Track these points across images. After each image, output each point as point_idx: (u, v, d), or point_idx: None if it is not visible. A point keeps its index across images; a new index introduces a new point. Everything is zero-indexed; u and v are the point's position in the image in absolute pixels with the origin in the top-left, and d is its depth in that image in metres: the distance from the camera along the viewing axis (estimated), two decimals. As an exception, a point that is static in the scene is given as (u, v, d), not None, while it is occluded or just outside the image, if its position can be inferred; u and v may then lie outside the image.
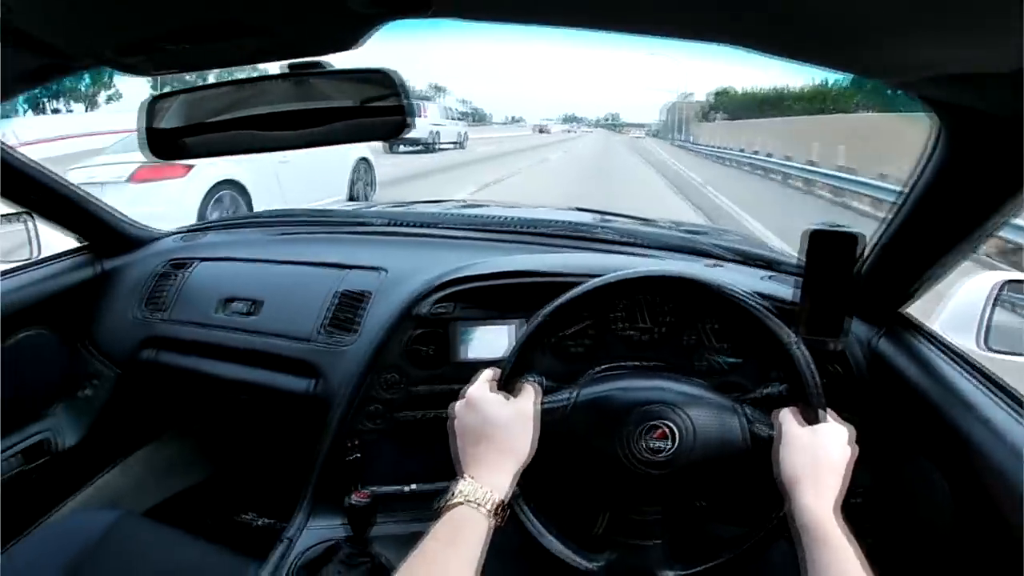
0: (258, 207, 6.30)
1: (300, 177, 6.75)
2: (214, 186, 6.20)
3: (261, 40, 0.84)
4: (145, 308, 1.58)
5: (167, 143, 1.07)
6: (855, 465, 0.91)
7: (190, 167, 5.95)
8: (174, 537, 1.29)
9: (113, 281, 1.66)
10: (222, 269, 1.59)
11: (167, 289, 1.57)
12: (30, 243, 1.58)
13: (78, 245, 1.67)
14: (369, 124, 0.99)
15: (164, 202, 5.57)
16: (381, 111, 0.97)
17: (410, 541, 0.80)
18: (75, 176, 4.44)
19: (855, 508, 1.19)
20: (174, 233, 1.78)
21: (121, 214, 1.69)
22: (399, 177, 12.33)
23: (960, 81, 0.71)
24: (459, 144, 24.64)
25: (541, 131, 64.71)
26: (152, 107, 1.03)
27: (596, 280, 1.00)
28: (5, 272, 1.55)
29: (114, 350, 1.64)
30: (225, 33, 0.80)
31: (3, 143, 1.31)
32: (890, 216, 1.07)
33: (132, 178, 6.08)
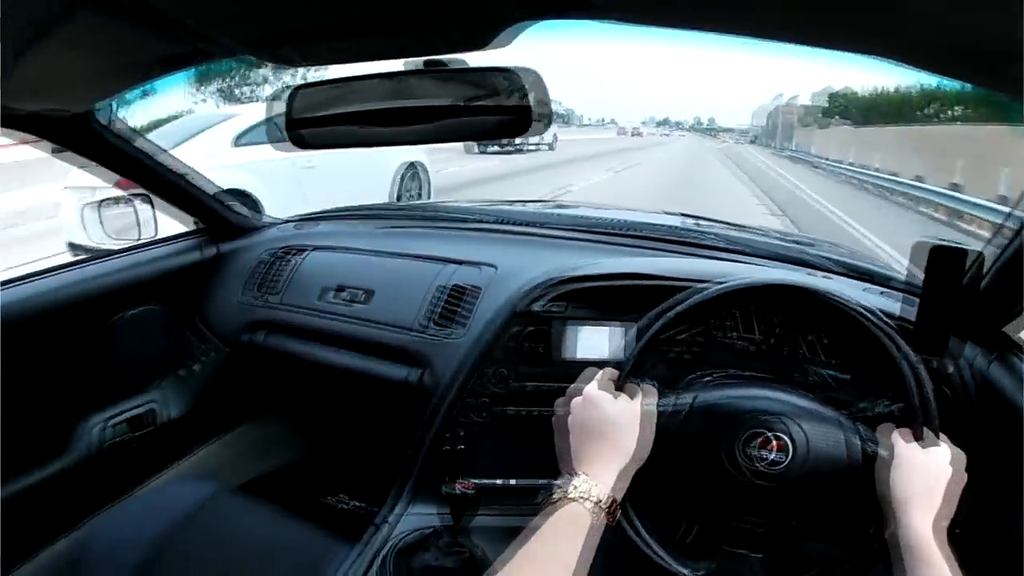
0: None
1: (327, 186, 5.80)
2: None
3: (407, 36, 0.87)
4: (255, 292, 1.66)
5: (304, 133, 1.13)
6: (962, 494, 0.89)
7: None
8: (265, 512, 1.33)
9: (226, 264, 1.75)
10: (335, 258, 1.64)
11: (278, 274, 1.64)
12: (139, 225, 1.67)
13: (194, 228, 1.77)
14: (497, 122, 1.01)
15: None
16: (510, 110, 0.99)
17: (505, 534, 0.81)
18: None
19: (954, 538, 1.16)
20: (287, 221, 1.86)
21: (236, 202, 1.78)
22: (477, 180, 12.53)
23: None
24: (549, 146, 24.22)
25: (633, 134, 63.95)
26: (293, 97, 1.09)
27: (721, 286, 1.00)
28: (123, 250, 1.65)
29: (223, 330, 1.72)
30: (372, 28, 0.84)
31: (128, 128, 1.40)
32: (1012, 233, 1.03)
33: (117, 184, 6.02)
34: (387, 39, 0.89)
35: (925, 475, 0.86)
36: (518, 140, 18.93)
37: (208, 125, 6.14)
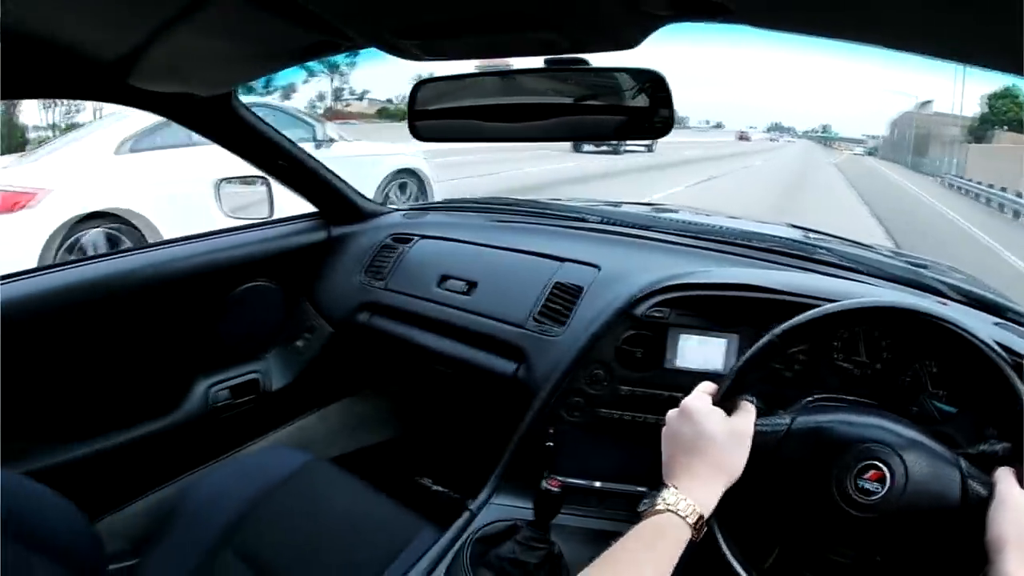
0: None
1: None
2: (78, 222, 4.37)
3: (546, 34, 0.87)
4: (366, 275, 1.72)
5: (427, 125, 1.16)
6: None
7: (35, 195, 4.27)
8: (355, 486, 1.37)
9: (339, 247, 1.83)
10: (442, 247, 1.69)
11: (388, 260, 1.70)
12: (268, 204, 1.78)
13: (311, 211, 1.86)
14: (617, 122, 1.01)
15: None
16: (630, 111, 0.99)
17: (588, 536, 0.81)
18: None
19: None
20: (399, 209, 1.93)
21: (351, 187, 1.85)
22: (568, 179, 12.55)
23: None
24: (648, 148, 23.43)
25: (740, 138, 62.31)
26: (417, 89, 1.12)
27: (831, 306, 0.95)
28: (243, 227, 1.75)
29: (332, 310, 1.80)
30: (510, 25, 0.85)
31: (253, 114, 1.49)
32: None
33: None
34: (521, 36, 0.90)
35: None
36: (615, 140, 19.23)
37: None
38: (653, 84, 0.97)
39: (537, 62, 1.01)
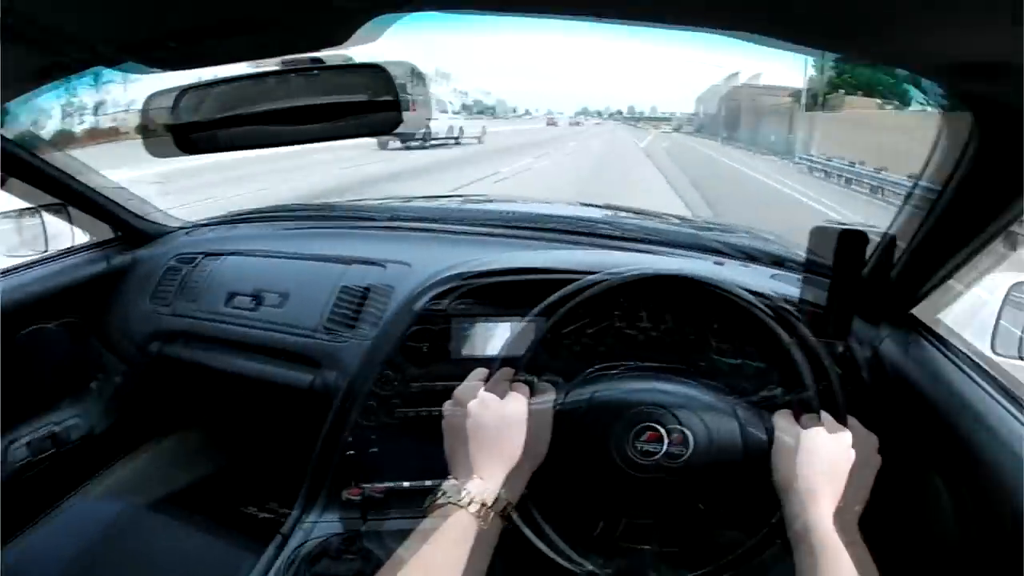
0: None
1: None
2: None
3: (255, 38, 0.84)
4: (152, 302, 1.60)
5: (195, 137, 1.08)
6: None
7: None
8: (184, 527, 1.33)
9: (124, 276, 1.69)
10: (228, 263, 1.59)
11: (174, 283, 1.59)
12: (45, 237, 1.60)
13: (90, 241, 1.70)
14: (365, 121, 0.98)
15: None
16: (376, 106, 0.96)
17: (403, 537, 0.80)
18: None
19: (867, 522, 1.17)
20: (182, 228, 1.79)
21: (128, 211, 1.70)
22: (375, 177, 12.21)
23: (994, 72, 0.69)
24: (456, 140, 23.09)
25: (549, 123, 64.22)
26: (179, 99, 1.04)
27: (597, 282, 0.99)
28: (18, 266, 1.57)
29: (124, 343, 1.66)
30: (220, 32, 0.81)
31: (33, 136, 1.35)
32: (902, 214, 1.04)
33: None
34: (248, 40, 0.86)
35: (804, 458, 0.86)
36: (419, 134, 19.24)
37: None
38: (378, 77, 0.95)
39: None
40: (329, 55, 0.95)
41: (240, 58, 0.96)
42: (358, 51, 0.91)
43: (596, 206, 1.87)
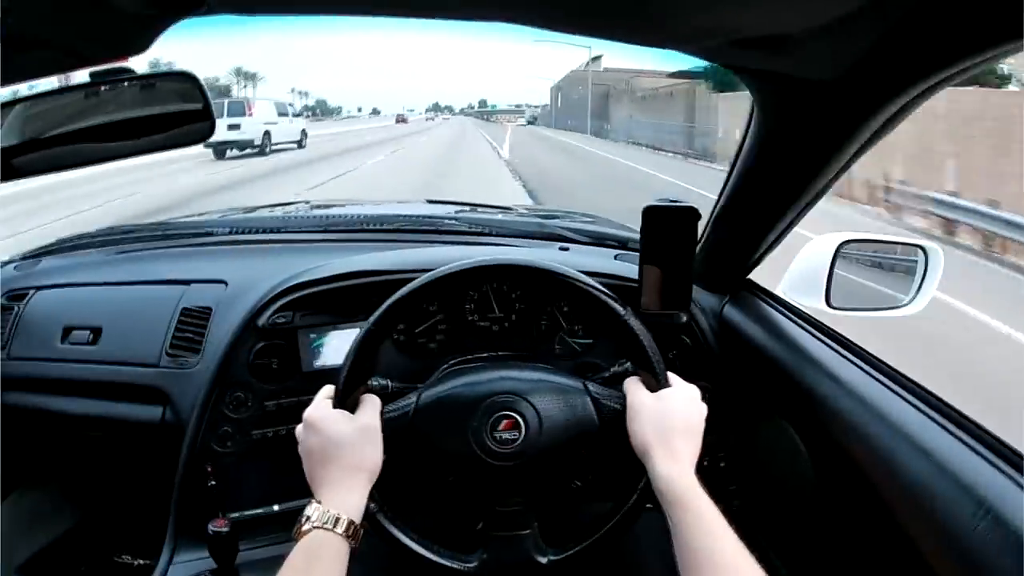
0: None
1: None
2: None
3: (48, 52, 0.78)
4: None
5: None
6: (714, 429, 0.92)
7: None
8: None
9: None
10: (61, 296, 1.47)
11: (5, 324, 1.44)
12: None
13: None
14: (178, 132, 0.94)
15: None
16: (187, 116, 0.92)
17: (279, 565, 0.77)
18: None
19: (720, 471, 1.23)
20: (9, 262, 1.63)
21: None
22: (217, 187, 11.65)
23: (762, 46, 0.73)
24: (299, 143, 21.56)
25: (399, 121, 64.11)
26: None
27: (419, 279, 0.96)
28: None
29: None
30: (14, 47, 0.75)
31: None
32: (723, 186, 1.10)
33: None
34: (43, 55, 0.80)
35: (659, 419, 0.88)
36: (252, 139, 17.96)
37: None
38: (187, 84, 0.91)
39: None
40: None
41: (36, 74, 0.89)
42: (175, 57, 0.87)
43: (443, 203, 1.87)
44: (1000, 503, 0.70)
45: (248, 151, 18.09)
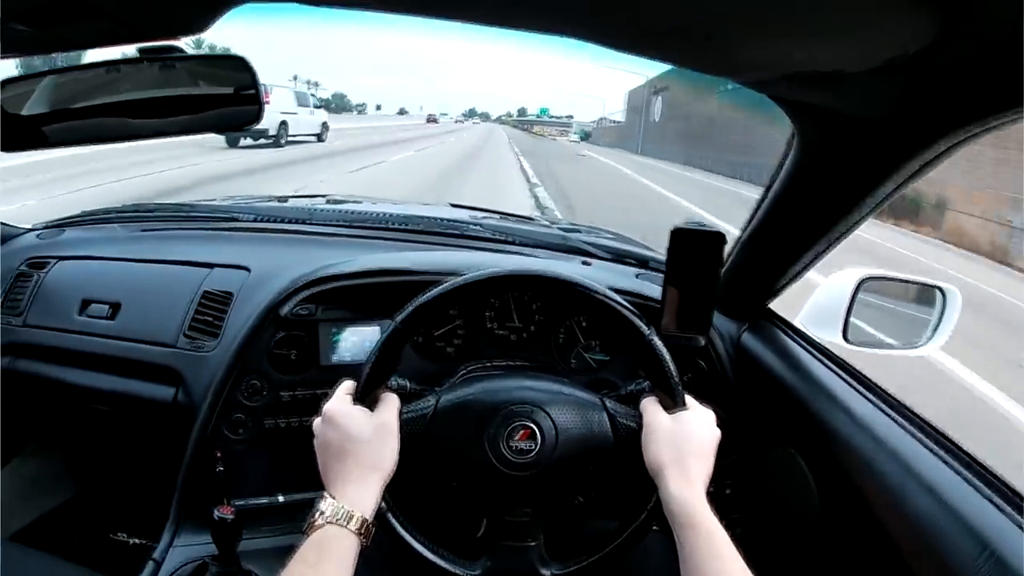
0: None
1: None
2: None
3: (104, 23, 0.79)
4: (4, 312, 1.46)
5: (19, 131, 1.00)
6: (724, 454, 0.92)
7: None
8: (44, 561, 1.22)
9: None
10: (82, 268, 1.48)
11: (24, 291, 1.46)
12: None
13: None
14: (225, 113, 0.95)
15: None
16: (236, 99, 0.93)
17: (281, 555, 0.77)
18: None
19: (726, 498, 1.23)
20: (32, 230, 1.65)
21: None
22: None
23: (813, 81, 0.73)
24: (319, 136, 20.51)
25: (429, 120, 64.33)
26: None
27: (445, 285, 0.96)
28: None
29: None
30: (70, 15, 0.76)
31: None
32: (752, 214, 1.10)
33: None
34: (97, 26, 0.81)
35: (674, 441, 0.88)
36: (265, 129, 16.76)
37: None
38: (240, 69, 0.92)
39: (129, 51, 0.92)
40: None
41: (89, 44, 0.90)
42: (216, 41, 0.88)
43: (466, 208, 1.87)
44: (1003, 546, 0.71)
45: (262, 141, 17.18)
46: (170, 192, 8.77)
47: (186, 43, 0.90)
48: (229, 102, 0.94)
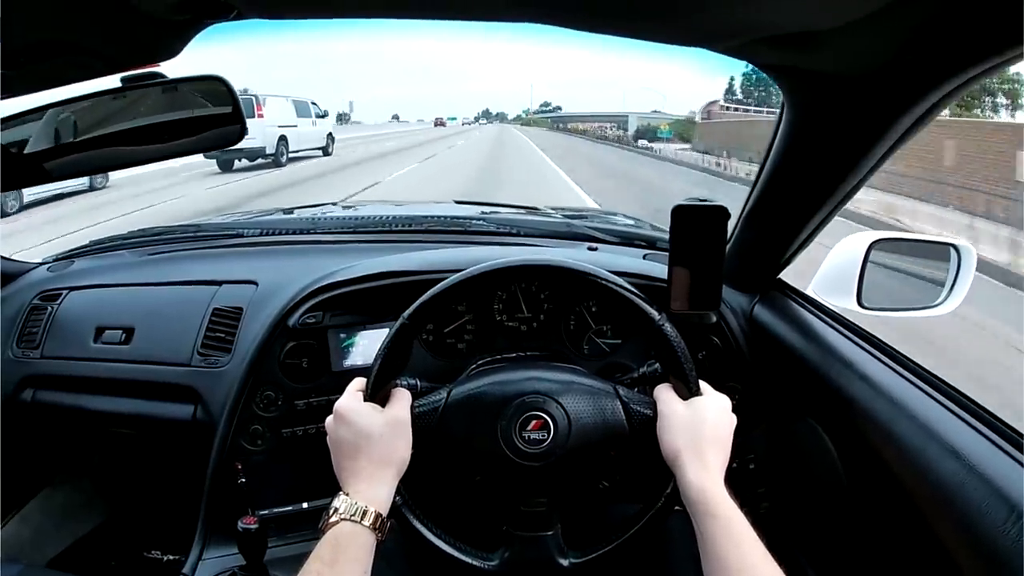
0: None
1: None
2: None
3: (80, 58, 0.80)
4: (19, 347, 1.49)
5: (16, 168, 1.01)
6: (744, 432, 0.92)
7: None
8: None
9: None
10: (94, 297, 1.50)
11: (39, 324, 1.48)
12: None
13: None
14: (209, 135, 0.95)
15: None
16: (218, 120, 0.93)
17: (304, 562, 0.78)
18: None
19: (750, 473, 1.22)
20: (42, 263, 1.67)
21: None
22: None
23: (798, 43, 0.72)
24: (324, 150, 18.55)
25: (437, 124, 64.20)
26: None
27: (451, 278, 0.96)
28: None
29: None
30: (40, 55, 0.77)
31: None
32: (752, 185, 1.09)
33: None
34: (74, 60, 0.81)
35: (689, 428, 0.87)
36: (261, 148, 14.67)
37: None
38: (216, 88, 0.92)
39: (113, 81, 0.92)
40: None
41: (68, 80, 0.91)
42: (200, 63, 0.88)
43: (471, 203, 1.88)
44: None
45: (260, 161, 15.26)
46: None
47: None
48: (212, 123, 0.95)
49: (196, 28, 0.74)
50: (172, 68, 0.91)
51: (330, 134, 19.26)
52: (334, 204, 2.02)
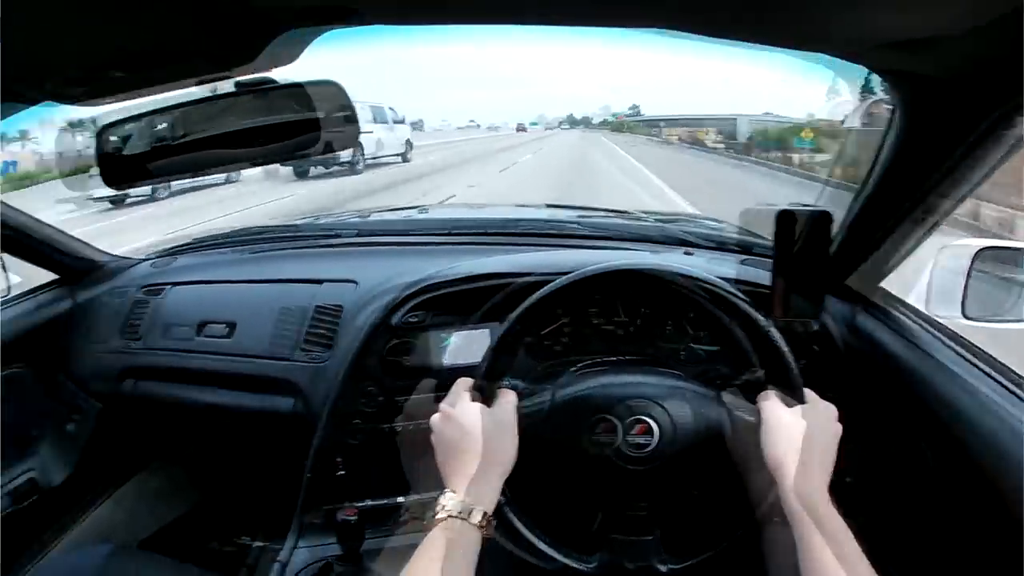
0: None
1: None
2: None
3: (197, 61, 0.83)
4: (121, 338, 1.56)
5: (123, 169, 1.06)
6: (846, 442, 0.90)
7: None
8: (171, 566, 1.26)
9: (87, 313, 1.64)
10: (195, 292, 1.57)
11: (142, 317, 1.55)
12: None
13: (49, 280, 1.66)
14: (326, 137, 0.97)
15: None
16: (332, 123, 0.96)
17: (403, 554, 0.79)
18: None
19: (846, 487, 1.19)
20: (145, 259, 1.76)
21: (90, 245, 1.68)
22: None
23: (915, 47, 0.70)
24: (403, 156, 18.13)
25: (519, 130, 63.88)
26: (102, 135, 1.02)
27: (560, 280, 0.98)
28: None
29: (94, 383, 1.62)
30: (161, 59, 0.80)
31: None
32: (857, 192, 1.06)
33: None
34: (166, 68, 0.85)
35: (794, 436, 0.86)
36: (343, 156, 13.33)
37: None
38: (332, 92, 0.95)
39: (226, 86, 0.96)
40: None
41: (159, 85, 0.94)
42: (285, 71, 0.90)
43: (564, 207, 1.88)
44: None
45: (335, 169, 14.93)
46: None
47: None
48: (324, 126, 0.97)
49: (274, 33, 0.76)
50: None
51: (408, 140, 18.96)
52: (426, 207, 2.06)
